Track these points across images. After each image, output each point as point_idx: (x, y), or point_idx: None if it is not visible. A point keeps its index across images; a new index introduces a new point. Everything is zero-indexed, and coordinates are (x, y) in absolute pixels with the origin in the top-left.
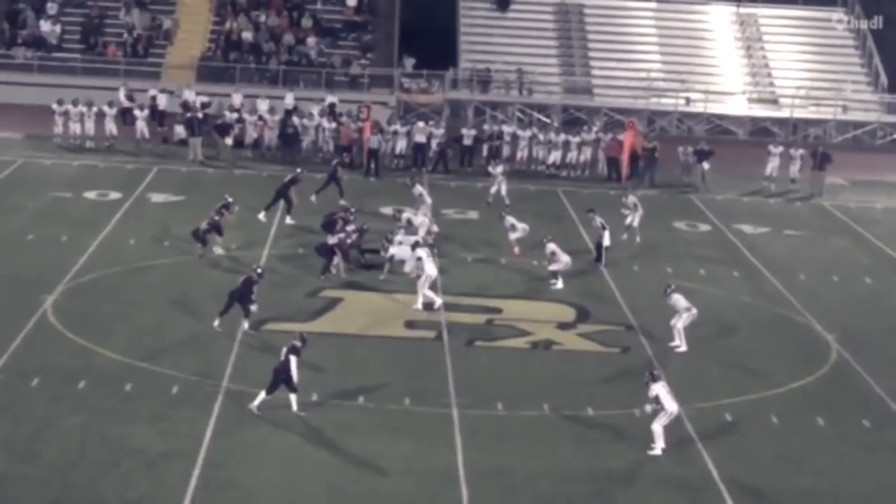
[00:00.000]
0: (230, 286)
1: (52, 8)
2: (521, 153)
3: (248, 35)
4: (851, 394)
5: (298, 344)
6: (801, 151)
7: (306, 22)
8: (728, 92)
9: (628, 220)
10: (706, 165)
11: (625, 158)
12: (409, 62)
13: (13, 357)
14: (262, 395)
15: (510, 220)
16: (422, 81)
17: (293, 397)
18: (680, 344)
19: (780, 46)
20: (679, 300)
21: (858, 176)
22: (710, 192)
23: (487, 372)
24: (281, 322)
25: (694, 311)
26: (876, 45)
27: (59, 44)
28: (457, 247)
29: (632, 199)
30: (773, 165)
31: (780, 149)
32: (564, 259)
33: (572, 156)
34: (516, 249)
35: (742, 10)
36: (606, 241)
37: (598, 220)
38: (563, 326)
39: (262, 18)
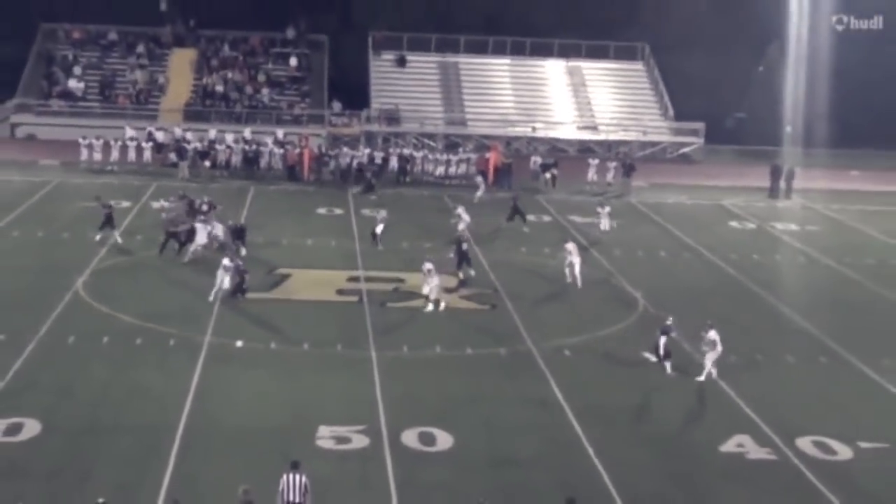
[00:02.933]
0: (210, 270)
1: (77, 70)
2: (417, 168)
3: (219, 87)
4: (653, 333)
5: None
6: (614, 163)
7: (261, 77)
8: (561, 122)
9: (603, 226)
10: (548, 175)
11: (490, 170)
12: (337, 105)
13: (55, 322)
14: None
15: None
16: (344, 118)
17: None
18: (704, 376)
19: (598, 89)
20: (715, 336)
21: (655, 180)
22: (551, 193)
23: (396, 325)
24: (250, 292)
25: (720, 349)
26: (665, 85)
27: (84, 95)
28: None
29: (606, 209)
30: (591, 173)
31: (597, 161)
32: (435, 281)
33: (452, 169)
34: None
35: (570, 63)
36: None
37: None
38: (448, 291)
39: (230, 75)
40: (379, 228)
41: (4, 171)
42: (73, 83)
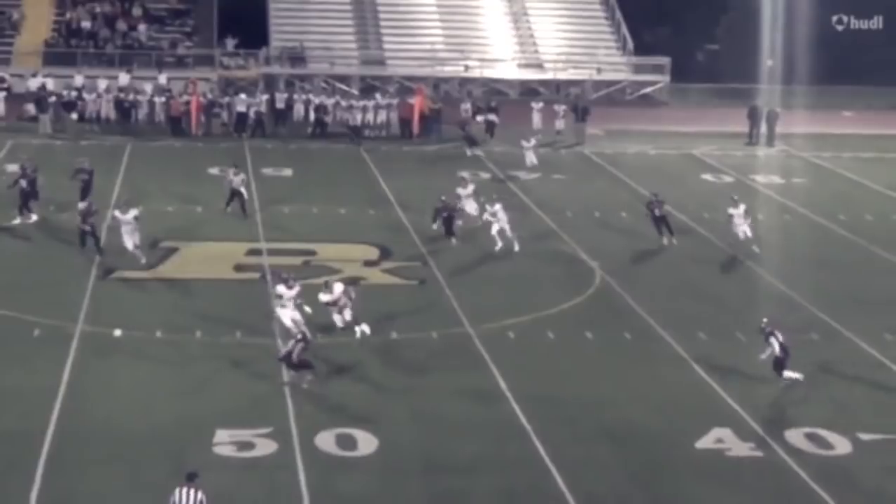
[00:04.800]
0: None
1: None
2: (328, 117)
3: (86, 24)
4: (614, 311)
5: None
6: (562, 107)
7: (136, 11)
8: (500, 59)
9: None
10: (482, 120)
11: (415, 118)
12: (231, 42)
13: None
14: None
15: None
16: (239, 59)
17: None
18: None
19: (542, 19)
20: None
21: (612, 126)
22: (490, 145)
23: (306, 305)
24: (125, 271)
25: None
26: (622, 12)
27: None
28: (275, 199)
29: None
30: (536, 119)
31: (541, 105)
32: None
33: (370, 117)
34: None
35: None
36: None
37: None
38: (369, 264)
39: (98, 9)
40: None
41: None
42: None
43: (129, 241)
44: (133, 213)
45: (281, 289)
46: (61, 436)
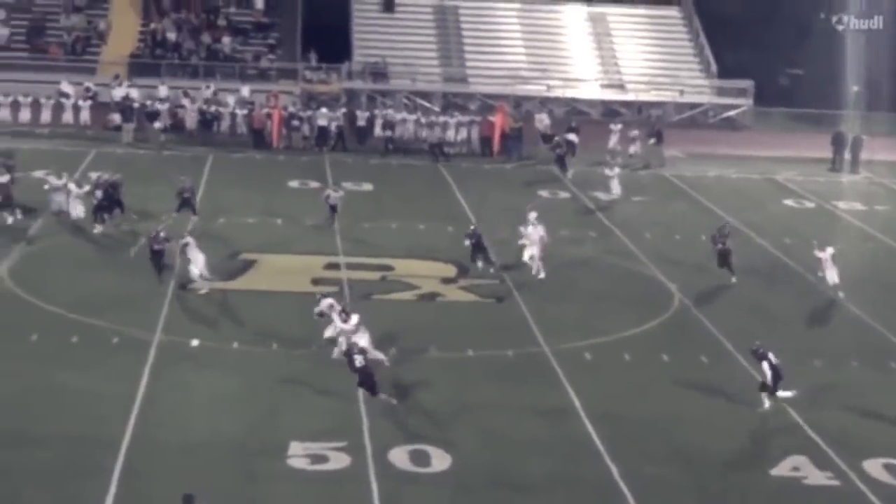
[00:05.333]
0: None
1: (0, 13)
2: (408, 133)
3: (171, 35)
4: (691, 334)
5: None
6: (635, 131)
7: (221, 22)
8: (582, 79)
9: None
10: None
11: (496, 137)
12: (314, 57)
13: None
14: None
15: None
16: (321, 73)
17: None
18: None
19: (625, 39)
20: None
21: (694, 149)
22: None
23: (383, 321)
24: (205, 281)
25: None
26: (706, 35)
27: (9, 44)
28: (355, 214)
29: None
30: (614, 141)
31: (620, 126)
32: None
33: (451, 135)
34: None
35: (592, 9)
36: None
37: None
38: (446, 281)
39: (183, 16)
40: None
41: None
42: None
43: (195, 268)
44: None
45: (339, 324)
46: (137, 442)
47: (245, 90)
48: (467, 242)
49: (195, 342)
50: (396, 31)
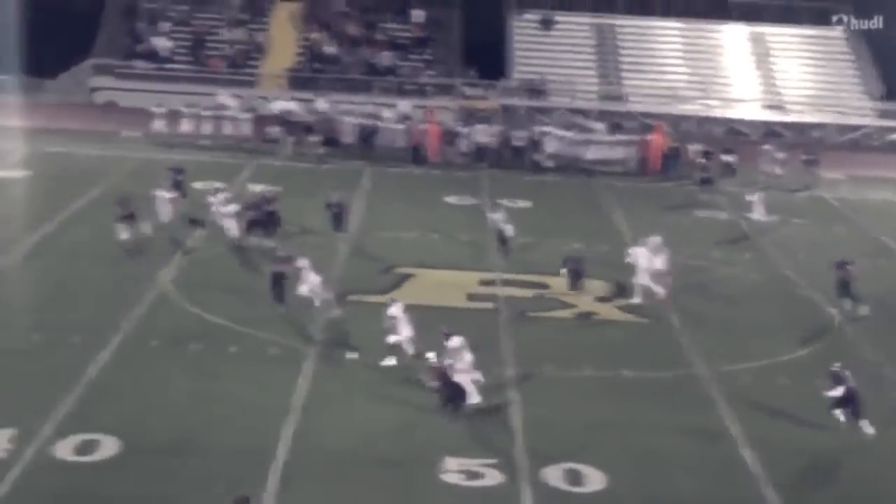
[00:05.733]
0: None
1: (164, 26)
2: (565, 150)
3: (330, 49)
4: (850, 360)
5: None
6: (782, 153)
7: (380, 37)
8: (741, 99)
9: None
10: (731, 158)
11: (653, 156)
12: (472, 72)
13: (137, 323)
14: None
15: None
16: (479, 89)
17: None
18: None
19: (786, 60)
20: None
21: (855, 172)
22: (726, 185)
23: (537, 339)
24: (361, 294)
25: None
26: (870, 56)
27: (171, 56)
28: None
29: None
30: (766, 162)
31: (772, 147)
32: (406, 332)
33: (608, 153)
34: None
35: (753, 28)
36: (510, 233)
37: (499, 215)
38: (602, 300)
39: (343, 33)
40: (508, 229)
41: (81, 144)
42: (158, 41)
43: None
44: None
45: (406, 333)
46: (293, 453)
47: (403, 105)
48: (563, 270)
49: (351, 355)
50: (555, 48)
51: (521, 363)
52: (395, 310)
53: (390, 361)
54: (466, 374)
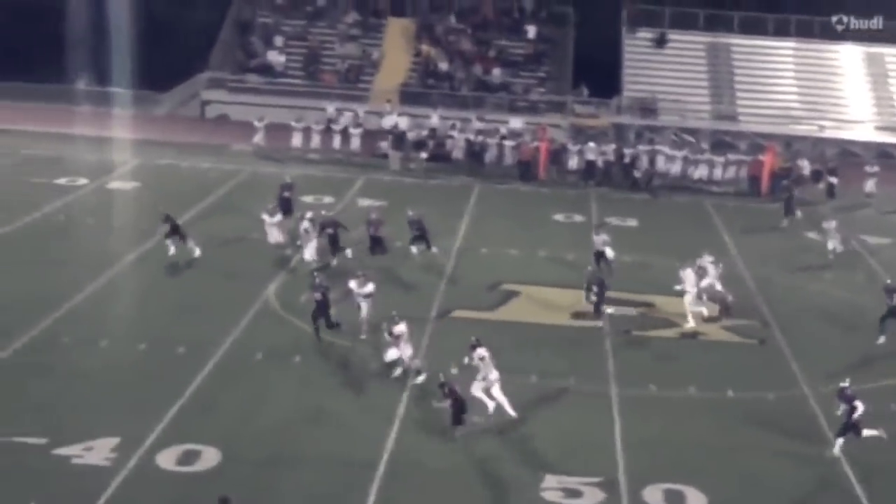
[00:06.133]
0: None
1: (278, 41)
2: (674, 169)
3: (443, 65)
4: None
5: None
6: (875, 167)
7: (492, 54)
8: (856, 120)
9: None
10: (833, 180)
11: (765, 177)
12: (584, 90)
13: (241, 335)
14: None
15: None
16: (590, 107)
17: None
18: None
19: None
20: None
21: None
22: (828, 205)
23: (642, 358)
24: (466, 310)
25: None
26: None
27: (284, 71)
28: (617, 250)
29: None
30: (870, 185)
31: (877, 168)
32: (494, 375)
33: (718, 173)
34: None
35: (870, 49)
36: (610, 255)
37: (602, 238)
38: (709, 320)
39: (455, 49)
40: (608, 251)
41: (192, 157)
42: (273, 56)
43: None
44: (369, 287)
45: (408, 351)
46: (394, 466)
47: (514, 122)
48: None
49: (455, 371)
50: (667, 66)
51: (625, 382)
52: (401, 328)
53: (397, 372)
54: (491, 386)
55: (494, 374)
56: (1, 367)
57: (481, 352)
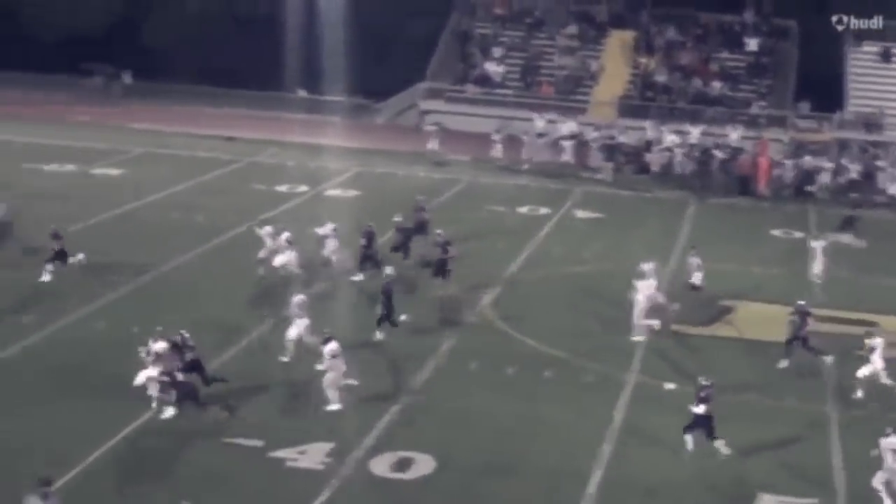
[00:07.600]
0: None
1: (497, 52)
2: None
3: (661, 77)
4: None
5: None
6: None
7: (714, 67)
8: None
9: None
10: None
11: None
12: (805, 105)
13: (457, 344)
14: None
15: None
16: (812, 122)
17: None
18: None
19: None
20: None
21: None
22: None
23: (862, 377)
24: (684, 325)
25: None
26: None
27: (502, 82)
28: (843, 266)
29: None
30: None
31: None
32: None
33: None
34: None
35: None
36: (698, 281)
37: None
38: None
39: (675, 57)
40: (697, 278)
41: (409, 165)
42: (491, 66)
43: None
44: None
45: None
46: (605, 479)
47: (734, 135)
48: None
49: (670, 385)
50: (894, 80)
51: (843, 400)
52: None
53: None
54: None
55: (343, 368)
56: (222, 368)
57: (333, 346)
